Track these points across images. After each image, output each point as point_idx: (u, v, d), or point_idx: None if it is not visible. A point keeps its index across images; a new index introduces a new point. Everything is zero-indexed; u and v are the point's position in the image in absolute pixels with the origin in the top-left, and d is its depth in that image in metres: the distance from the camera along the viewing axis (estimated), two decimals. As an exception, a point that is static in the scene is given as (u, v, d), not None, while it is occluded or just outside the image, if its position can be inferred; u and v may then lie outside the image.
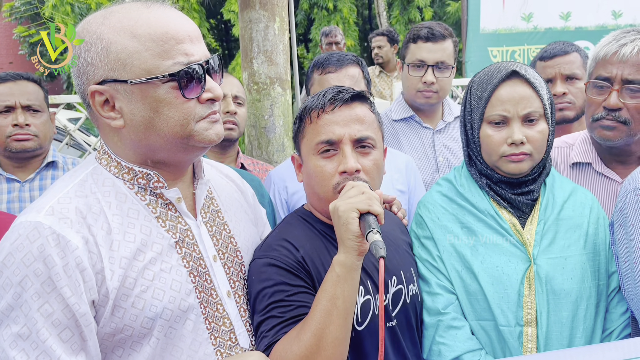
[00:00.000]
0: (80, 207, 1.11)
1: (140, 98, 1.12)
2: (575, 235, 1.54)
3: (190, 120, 1.14)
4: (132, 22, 1.11)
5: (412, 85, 2.37)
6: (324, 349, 1.19)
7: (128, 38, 1.10)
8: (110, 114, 1.14)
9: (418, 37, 2.33)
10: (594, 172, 1.84)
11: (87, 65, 1.12)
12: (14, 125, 2.14)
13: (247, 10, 3.02)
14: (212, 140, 1.18)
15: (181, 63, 1.11)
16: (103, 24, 1.12)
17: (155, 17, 1.12)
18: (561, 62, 2.25)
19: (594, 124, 1.76)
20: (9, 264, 1.03)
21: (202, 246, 1.24)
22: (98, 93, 1.13)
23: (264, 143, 3.07)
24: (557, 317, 1.48)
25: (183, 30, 1.13)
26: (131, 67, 1.10)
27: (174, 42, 1.11)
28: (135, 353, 1.12)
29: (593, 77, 1.76)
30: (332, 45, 5.40)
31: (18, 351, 1.00)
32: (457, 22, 11.48)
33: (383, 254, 1.11)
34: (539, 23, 4.64)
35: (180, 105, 1.13)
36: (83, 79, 1.14)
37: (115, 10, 1.14)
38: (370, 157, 1.40)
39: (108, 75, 1.11)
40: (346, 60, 2.15)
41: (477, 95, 1.57)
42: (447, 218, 1.59)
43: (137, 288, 1.11)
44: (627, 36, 1.70)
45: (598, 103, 1.74)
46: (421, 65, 2.33)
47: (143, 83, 1.10)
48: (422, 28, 2.34)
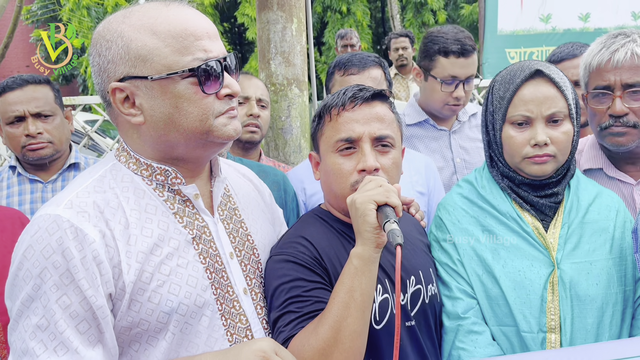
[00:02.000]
0: (98, 201, 1.12)
1: (160, 94, 1.13)
2: (601, 239, 1.51)
3: (209, 115, 1.16)
4: (152, 20, 1.13)
5: (441, 99, 2.32)
6: (341, 342, 1.18)
7: (148, 35, 1.12)
8: (131, 111, 1.16)
9: (450, 52, 2.23)
10: (606, 177, 1.82)
11: (108, 63, 1.15)
12: (27, 136, 2.12)
13: (264, 11, 3.02)
14: (231, 135, 1.19)
15: (200, 59, 1.13)
16: (123, 23, 1.15)
17: (174, 14, 1.14)
18: (569, 67, 2.24)
19: (603, 133, 1.75)
20: (29, 256, 1.05)
21: (218, 243, 1.25)
22: (119, 90, 1.14)
23: (280, 144, 3.07)
24: (581, 323, 1.45)
25: (201, 27, 1.15)
26: (151, 64, 1.12)
27: (193, 39, 1.13)
28: (152, 348, 1.13)
29: (591, 87, 1.75)
30: (348, 47, 5.42)
31: (37, 342, 1.02)
32: (471, 24, 11.43)
33: (400, 241, 1.11)
34: (558, 24, 4.59)
35: (200, 101, 1.14)
36: (104, 77, 1.16)
37: (135, 9, 1.17)
38: (389, 156, 1.40)
39: (129, 72, 1.13)
40: (369, 62, 2.15)
41: (499, 95, 1.54)
42: (468, 220, 1.57)
43: (154, 282, 1.12)
44: (616, 41, 1.69)
45: (602, 112, 1.73)
46: (453, 81, 2.27)
47: (163, 79, 1.12)
48: (452, 42, 2.23)
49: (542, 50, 4.56)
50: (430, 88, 2.34)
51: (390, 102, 1.48)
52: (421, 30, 11.44)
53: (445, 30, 2.27)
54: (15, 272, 1.06)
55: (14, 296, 1.07)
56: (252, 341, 1.13)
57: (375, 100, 1.42)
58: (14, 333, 1.05)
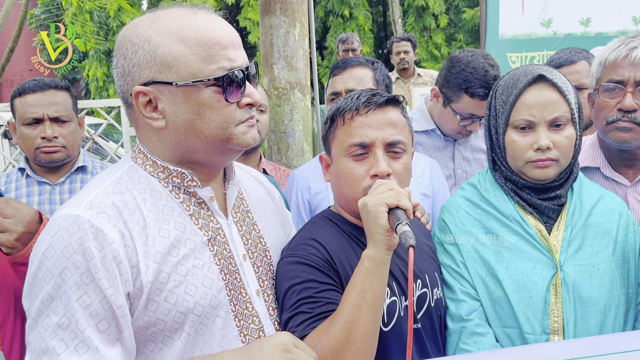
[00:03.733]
0: (117, 202, 1.14)
1: (183, 100, 1.15)
2: (604, 242, 1.52)
3: (230, 123, 1.18)
4: (179, 27, 1.15)
5: (455, 129, 2.32)
6: (353, 343, 1.19)
7: (175, 42, 1.14)
8: (153, 115, 1.17)
9: (476, 95, 2.16)
10: (603, 177, 1.84)
11: (133, 67, 1.16)
12: (42, 138, 2.15)
13: (267, 16, 3.05)
14: (249, 143, 1.22)
15: (224, 68, 1.15)
16: (151, 27, 1.16)
17: (201, 22, 1.16)
18: (567, 73, 2.23)
19: (608, 127, 1.75)
20: (50, 256, 1.06)
21: (232, 245, 1.27)
22: (142, 94, 1.16)
23: (283, 148, 3.09)
24: (584, 325, 1.45)
25: (227, 37, 1.17)
26: (177, 70, 1.13)
27: (219, 48, 1.15)
28: (167, 348, 1.14)
29: (603, 81, 1.76)
30: (349, 52, 5.43)
31: (57, 341, 1.03)
32: (473, 28, 11.45)
33: (413, 243, 1.12)
34: (559, 29, 4.58)
35: (222, 109, 1.16)
36: (127, 79, 1.18)
37: (162, 14, 1.18)
38: (401, 161, 1.41)
39: (154, 77, 1.14)
40: (352, 62, 2.17)
41: (503, 99, 1.55)
42: (471, 223, 1.58)
43: (171, 283, 1.13)
44: (635, 40, 1.72)
45: (611, 106, 1.74)
46: (472, 117, 2.25)
47: (188, 86, 1.14)
48: (480, 84, 2.14)
49: (543, 55, 4.55)
50: (447, 115, 2.31)
51: (403, 107, 1.49)
52: (422, 35, 11.47)
53: (475, 65, 2.16)
54: (35, 272, 1.07)
55: (33, 296, 1.07)
56: (272, 336, 1.14)
57: (389, 105, 1.43)
58: (33, 332, 1.06)
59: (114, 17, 10.16)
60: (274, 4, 3.04)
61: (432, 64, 11.02)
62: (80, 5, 9.02)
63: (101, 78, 10.59)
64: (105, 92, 10.71)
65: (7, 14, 4.26)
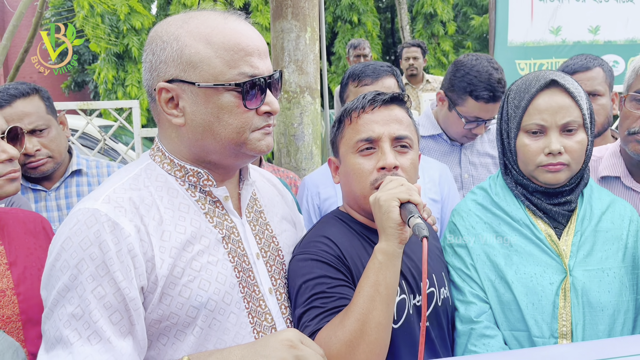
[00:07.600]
0: (133, 198, 1.16)
1: (203, 101, 1.17)
2: (614, 248, 1.52)
3: (247, 129, 1.20)
4: (209, 30, 1.17)
5: (461, 132, 2.35)
6: (367, 334, 1.20)
7: (202, 44, 1.16)
8: (173, 111, 1.20)
9: (480, 98, 2.20)
10: (623, 186, 1.83)
11: (160, 63, 1.19)
12: (24, 155, 1.99)
13: (279, 20, 3.07)
14: (262, 150, 1.24)
15: (245, 74, 1.17)
16: (182, 27, 1.19)
17: (230, 28, 1.18)
18: (582, 79, 2.23)
19: (629, 138, 1.75)
20: (67, 248, 1.08)
21: (246, 243, 1.29)
22: (165, 90, 1.18)
23: (292, 151, 3.10)
24: (593, 330, 1.46)
25: (253, 45, 1.19)
26: (200, 71, 1.16)
27: (243, 54, 1.17)
28: (179, 342, 1.16)
29: (633, 89, 1.75)
30: (360, 57, 5.45)
31: (71, 330, 1.05)
32: (481, 35, 11.47)
33: (426, 234, 1.13)
34: (568, 36, 4.60)
35: (240, 114, 1.19)
36: (154, 74, 1.21)
37: (194, 15, 1.21)
38: (408, 156, 1.43)
39: (178, 75, 1.17)
40: (382, 72, 2.18)
41: (515, 104, 1.56)
42: (481, 227, 1.59)
43: (185, 277, 1.15)
44: None
45: (635, 117, 1.73)
46: (476, 120, 2.28)
47: (209, 87, 1.16)
48: (485, 87, 2.18)
49: (552, 62, 4.57)
50: (452, 118, 2.35)
51: (407, 108, 1.52)
52: (430, 42, 11.49)
53: (479, 69, 2.20)
54: (53, 263, 1.09)
55: (50, 286, 1.09)
56: (278, 332, 1.15)
57: (394, 103, 1.47)
58: (48, 321, 1.08)
59: (124, 21, 10.25)
60: (285, 9, 3.07)
61: (440, 71, 11.03)
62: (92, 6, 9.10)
63: (110, 81, 10.66)
64: (114, 94, 10.78)
65: (21, 16, 4.31)
